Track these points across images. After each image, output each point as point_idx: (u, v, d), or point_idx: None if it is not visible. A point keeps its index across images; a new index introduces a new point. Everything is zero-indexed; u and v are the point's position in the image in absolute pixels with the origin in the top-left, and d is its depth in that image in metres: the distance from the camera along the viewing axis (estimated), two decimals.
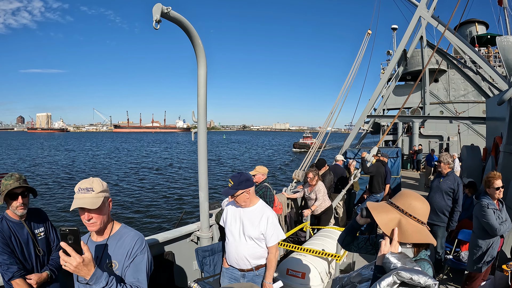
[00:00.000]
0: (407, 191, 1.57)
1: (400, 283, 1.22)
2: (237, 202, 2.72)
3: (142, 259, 1.73)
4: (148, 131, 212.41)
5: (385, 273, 1.29)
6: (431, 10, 9.19)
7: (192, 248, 3.73)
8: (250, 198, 2.72)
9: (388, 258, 1.32)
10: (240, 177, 2.66)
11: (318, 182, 5.52)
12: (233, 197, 2.70)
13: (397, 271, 1.22)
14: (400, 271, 1.21)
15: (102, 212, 1.70)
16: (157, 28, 2.70)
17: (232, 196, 2.69)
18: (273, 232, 2.69)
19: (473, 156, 8.75)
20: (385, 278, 1.23)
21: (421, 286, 1.20)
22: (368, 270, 1.72)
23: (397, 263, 1.28)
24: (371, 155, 6.57)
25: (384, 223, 1.44)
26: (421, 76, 8.38)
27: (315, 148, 9.63)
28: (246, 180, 2.66)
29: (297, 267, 3.75)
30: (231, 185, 2.64)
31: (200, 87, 3.45)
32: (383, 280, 1.24)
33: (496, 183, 3.46)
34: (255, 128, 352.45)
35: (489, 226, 3.39)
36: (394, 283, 1.22)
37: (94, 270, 1.48)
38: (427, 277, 1.20)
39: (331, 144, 47.77)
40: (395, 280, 1.21)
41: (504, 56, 5.97)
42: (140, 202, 15.89)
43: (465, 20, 20.84)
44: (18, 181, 2.34)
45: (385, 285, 1.22)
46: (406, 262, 1.29)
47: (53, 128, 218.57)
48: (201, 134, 3.57)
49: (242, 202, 2.71)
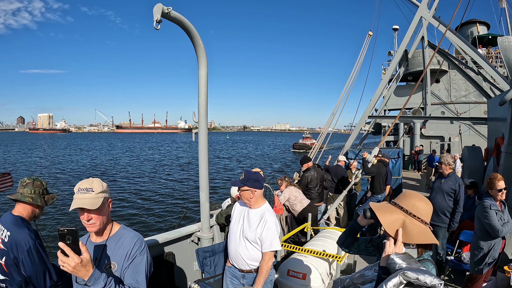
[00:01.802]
0: (410, 191, 1.57)
1: (406, 283, 1.22)
2: (241, 197, 2.77)
3: (141, 261, 1.72)
4: (150, 131, 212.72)
5: (390, 274, 1.29)
6: (432, 10, 9.18)
7: (192, 248, 3.72)
8: (254, 199, 2.74)
9: (393, 259, 1.32)
10: (251, 174, 2.72)
11: (287, 188, 5.53)
12: (239, 191, 2.78)
13: (403, 271, 1.22)
14: (406, 272, 1.21)
15: (102, 212, 1.69)
16: (157, 28, 2.69)
17: (238, 188, 2.78)
18: (269, 238, 2.65)
19: (474, 157, 8.72)
20: (392, 279, 1.24)
21: (427, 286, 1.20)
22: (371, 271, 1.71)
23: (402, 263, 1.28)
24: (372, 156, 6.56)
25: (388, 224, 1.44)
26: (422, 77, 8.35)
27: (316, 148, 9.62)
28: (255, 180, 2.69)
29: (298, 268, 3.73)
30: (241, 178, 2.72)
31: (201, 88, 3.44)
32: (389, 280, 1.24)
33: (498, 184, 3.44)
34: (255, 129, 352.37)
35: (491, 228, 3.38)
36: (401, 283, 1.22)
37: (92, 271, 1.47)
38: (432, 277, 1.20)
39: (331, 145, 47.79)
40: (401, 281, 1.22)
41: (506, 57, 5.95)
42: (141, 202, 15.90)
43: (466, 21, 20.83)
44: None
45: (392, 285, 1.22)
46: (411, 263, 1.30)
47: (55, 129, 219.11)
48: (202, 134, 3.56)
49: (246, 200, 2.75)
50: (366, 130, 17.05)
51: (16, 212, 2.33)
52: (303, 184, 6.17)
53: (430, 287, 1.19)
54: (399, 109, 12.49)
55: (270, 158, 43.14)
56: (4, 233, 2.21)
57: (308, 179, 6.22)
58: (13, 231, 2.20)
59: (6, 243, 2.18)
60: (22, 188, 2.37)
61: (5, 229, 2.22)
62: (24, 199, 2.33)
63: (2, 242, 2.19)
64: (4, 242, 2.19)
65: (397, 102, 20.73)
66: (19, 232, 2.21)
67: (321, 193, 6.43)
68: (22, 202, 2.35)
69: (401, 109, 8.65)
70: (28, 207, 2.36)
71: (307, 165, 6.44)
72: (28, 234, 2.22)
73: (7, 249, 2.17)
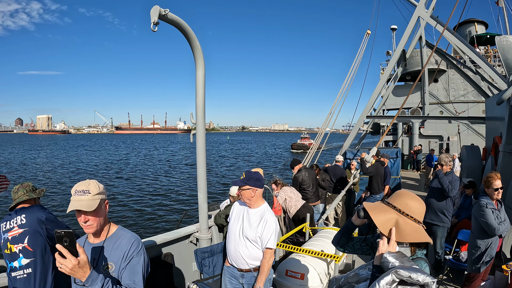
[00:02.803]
0: (403, 191, 1.59)
1: (399, 281, 1.23)
2: (242, 196, 2.79)
3: (139, 261, 1.74)
4: (149, 132, 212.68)
5: (383, 273, 1.31)
6: (430, 10, 9.21)
7: (191, 249, 3.73)
8: (255, 198, 2.76)
9: (386, 258, 1.33)
10: (253, 174, 2.74)
11: (281, 189, 5.56)
12: (239, 190, 2.79)
13: (395, 269, 1.24)
14: (399, 270, 1.23)
15: (99, 214, 1.70)
16: (155, 30, 2.70)
17: (238, 188, 2.79)
18: (269, 237, 2.70)
19: (472, 156, 8.74)
20: (384, 277, 1.25)
21: (420, 284, 1.21)
22: (365, 270, 1.73)
23: (395, 262, 1.30)
24: (370, 156, 6.57)
25: (382, 223, 1.46)
26: (420, 76, 8.38)
27: (314, 148, 9.64)
28: (257, 179, 2.73)
29: (296, 268, 3.74)
30: (242, 178, 2.74)
31: (199, 89, 3.45)
32: (382, 279, 1.25)
33: (495, 184, 3.46)
34: (254, 129, 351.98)
35: (487, 226, 3.39)
36: (393, 282, 1.23)
37: (89, 272, 1.48)
38: (425, 275, 1.21)
39: (330, 145, 47.95)
40: (394, 279, 1.23)
41: (503, 56, 5.97)
42: (140, 203, 15.90)
43: (464, 20, 20.89)
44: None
45: (384, 283, 1.23)
46: (404, 261, 1.31)
47: (55, 130, 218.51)
48: (200, 135, 3.57)
49: (246, 199, 2.77)
50: (364, 130, 17.06)
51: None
52: (296, 186, 6.24)
53: (423, 285, 1.21)
54: (398, 109, 12.53)
55: (274, 157, 43.50)
56: (18, 220, 2.52)
57: (300, 179, 6.30)
58: (27, 213, 2.55)
59: (24, 224, 2.49)
60: (16, 194, 2.67)
61: (18, 216, 2.54)
62: (22, 199, 2.64)
63: (20, 226, 2.49)
64: (22, 224, 2.49)
65: (396, 102, 20.75)
66: (32, 211, 2.59)
67: (316, 192, 6.47)
68: (21, 203, 2.66)
69: (399, 109, 8.67)
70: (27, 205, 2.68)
71: (298, 167, 6.52)
72: (39, 209, 2.65)
73: (27, 228, 2.49)
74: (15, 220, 2.52)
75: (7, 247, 2.48)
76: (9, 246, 2.47)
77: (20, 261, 2.46)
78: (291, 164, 6.70)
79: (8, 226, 2.52)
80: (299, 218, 5.39)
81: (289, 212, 5.48)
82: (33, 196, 2.71)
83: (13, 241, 2.47)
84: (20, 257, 2.45)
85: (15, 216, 2.54)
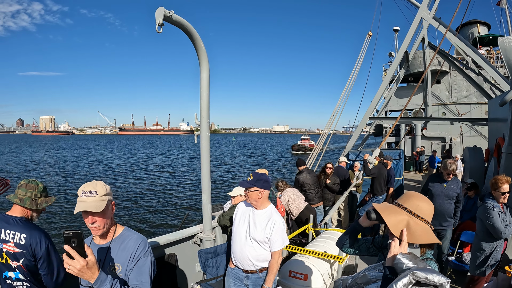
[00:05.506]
0: (412, 192, 1.60)
1: (414, 282, 1.25)
2: (249, 198, 2.77)
3: (145, 262, 1.74)
4: (152, 133, 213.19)
5: (396, 274, 1.33)
6: (433, 11, 9.20)
7: (194, 250, 3.74)
8: (261, 200, 2.76)
9: (400, 259, 1.34)
10: (260, 175, 2.74)
11: (284, 190, 5.58)
12: (246, 191, 2.77)
13: (412, 271, 1.25)
14: (416, 271, 1.24)
15: (106, 215, 1.71)
16: (159, 31, 2.72)
17: (246, 189, 2.77)
18: (278, 237, 2.71)
19: (475, 158, 8.72)
20: (401, 279, 1.26)
21: (435, 285, 1.23)
22: (375, 272, 1.73)
23: (409, 263, 1.31)
24: (373, 157, 6.56)
25: (393, 225, 1.47)
26: (423, 78, 8.37)
27: (317, 150, 9.63)
28: (265, 181, 2.73)
29: (300, 269, 3.74)
30: (250, 180, 2.73)
31: (203, 90, 3.46)
32: (399, 280, 1.26)
33: (503, 187, 3.41)
34: (255, 131, 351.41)
35: (494, 229, 3.36)
36: (410, 283, 1.24)
37: (98, 273, 1.48)
38: (440, 275, 1.23)
39: (331, 146, 47.90)
40: (411, 280, 1.24)
41: (506, 57, 5.96)
42: (141, 203, 15.92)
43: (466, 21, 20.86)
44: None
45: (401, 285, 1.24)
46: (418, 262, 1.33)
47: (58, 131, 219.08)
48: (204, 136, 3.58)
49: (253, 201, 2.76)
50: (367, 132, 17.07)
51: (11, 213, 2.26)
52: (297, 187, 6.25)
53: (438, 285, 1.22)
54: (400, 110, 12.52)
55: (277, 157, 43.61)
56: (16, 237, 2.16)
57: (301, 181, 6.31)
58: (28, 233, 2.17)
59: (22, 246, 2.15)
60: (17, 189, 2.29)
61: (16, 232, 2.17)
62: (13, 200, 2.25)
63: (16, 245, 2.15)
64: (20, 245, 2.15)
65: (398, 103, 20.74)
66: (35, 233, 2.19)
67: (319, 194, 6.47)
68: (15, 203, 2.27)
69: (402, 110, 8.66)
70: (20, 208, 2.26)
71: (301, 167, 6.54)
72: (43, 234, 2.22)
73: (24, 251, 2.15)
74: (13, 235, 2.15)
75: (2, 256, 2.17)
76: (4, 257, 2.17)
77: (17, 274, 2.20)
78: (297, 164, 6.73)
79: (4, 236, 2.16)
80: (301, 220, 5.40)
81: (292, 213, 5.48)
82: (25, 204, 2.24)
83: (9, 255, 2.17)
84: (17, 272, 2.19)
85: (14, 228, 2.17)
